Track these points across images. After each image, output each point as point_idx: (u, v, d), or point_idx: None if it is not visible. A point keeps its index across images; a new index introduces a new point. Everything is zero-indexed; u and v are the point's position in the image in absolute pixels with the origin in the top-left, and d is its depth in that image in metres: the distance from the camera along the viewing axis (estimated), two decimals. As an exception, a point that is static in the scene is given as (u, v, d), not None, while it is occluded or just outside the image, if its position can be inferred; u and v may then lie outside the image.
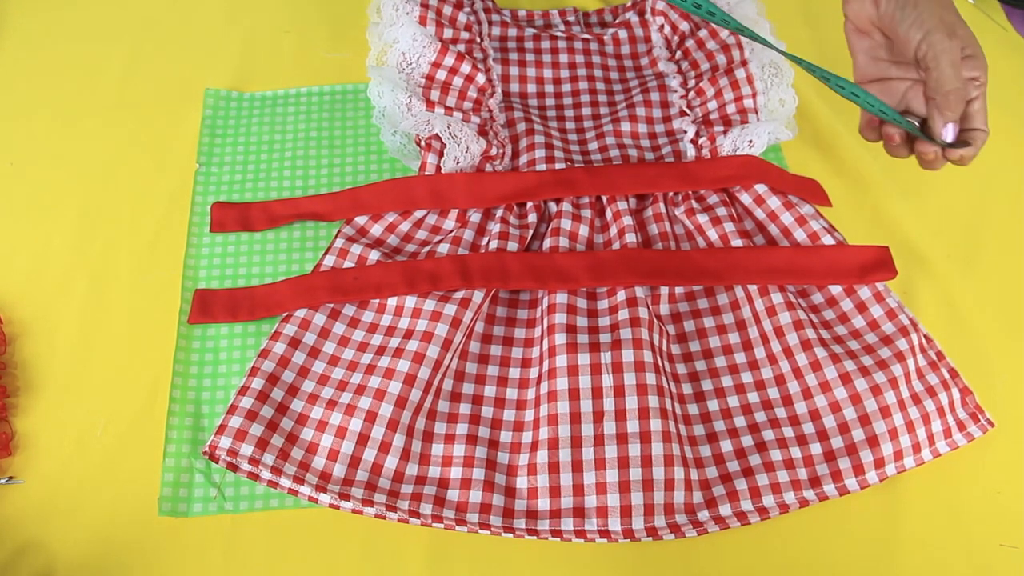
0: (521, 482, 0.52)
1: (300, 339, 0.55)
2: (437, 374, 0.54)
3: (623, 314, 0.56)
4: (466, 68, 0.67)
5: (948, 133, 0.53)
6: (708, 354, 0.57)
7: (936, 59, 0.51)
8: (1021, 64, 0.74)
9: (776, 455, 0.52)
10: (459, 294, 0.56)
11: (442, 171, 0.62)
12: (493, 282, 0.57)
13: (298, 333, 0.56)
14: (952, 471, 0.54)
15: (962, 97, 0.51)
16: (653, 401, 0.52)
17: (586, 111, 0.69)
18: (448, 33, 0.69)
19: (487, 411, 0.55)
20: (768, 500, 0.51)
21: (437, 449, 0.53)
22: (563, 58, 0.72)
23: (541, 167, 0.63)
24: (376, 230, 0.61)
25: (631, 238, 0.60)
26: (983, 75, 0.52)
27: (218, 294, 0.59)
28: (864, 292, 0.57)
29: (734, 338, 0.58)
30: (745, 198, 0.62)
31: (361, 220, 0.62)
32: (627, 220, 0.61)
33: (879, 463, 0.52)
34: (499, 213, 0.61)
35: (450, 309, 0.55)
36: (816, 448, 0.53)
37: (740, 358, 0.57)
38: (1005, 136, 0.69)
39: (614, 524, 0.50)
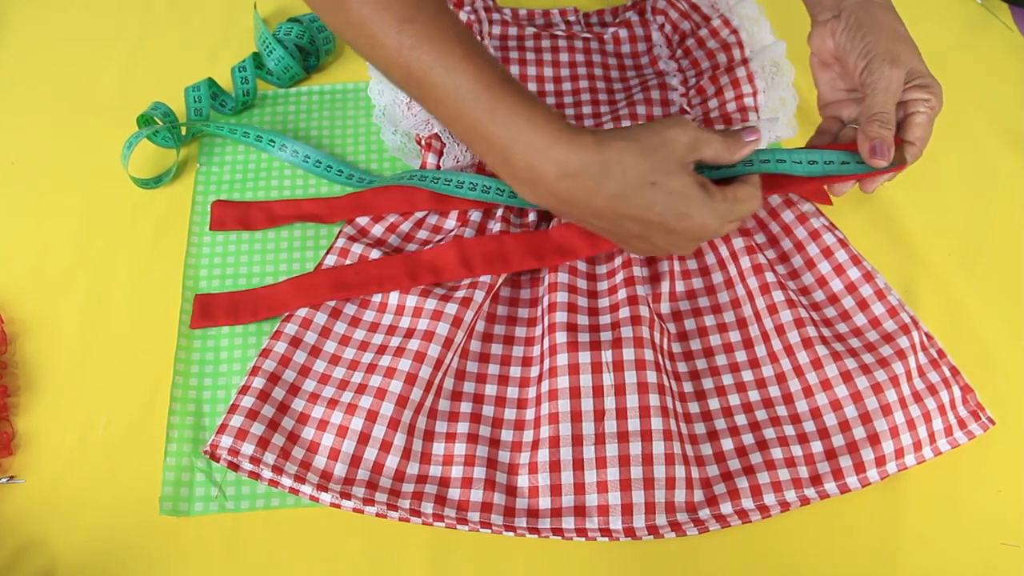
0: (522, 480, 0.52)
1: (301, 338, 0.55)
2: (438, 373, 0.54)
3: (624, 312, 0.56)
4: (466, 67, 0.67)
5: (868, 152, 0.52)
6: (709, 352, 0.57)
7: (873, 86, 0.52)
8: (1024, 64, 0.74)
9: (777, 453, 0.53)
10: (460, 293, 0.56)
11: (442, 171, 0.62)
12: (495, 266, 0.57)
13: (299, 332, 0.56)
14: (953, 469, 0.54)
15: (886, 121, 0.52)
16: (654, 399, 0.52)
17: (587, 110, 0.69)
18: (448, 32, 0.69)
19: (488, 410, 0.55)
20: (769, 498, 0.51)
21: (438, 448, 0.53)
22: (563, 57, 0.72)
23: (541, 166, 0.63)
24: (377, 230, 0.61)
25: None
26: (936, 100, 0.53)
27: (218, 298, 0.59)
28: (865, 290, 0.57)
29: (735, 336, 0.58)
30: (746, 196, 0.62)
31: (362, 221, 0.62)
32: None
33: (880, 461, 0.52)
34: (499, 212, 0.61)
35: (451, 308, 0.55)
36: (817, 446, 0.53)
37: (741, 356, 0.57)
38: (1007, 136, 0.69)
39: (615, 522, 0.50)
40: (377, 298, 0.58)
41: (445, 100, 0.46)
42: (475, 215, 0.61)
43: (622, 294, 0.57)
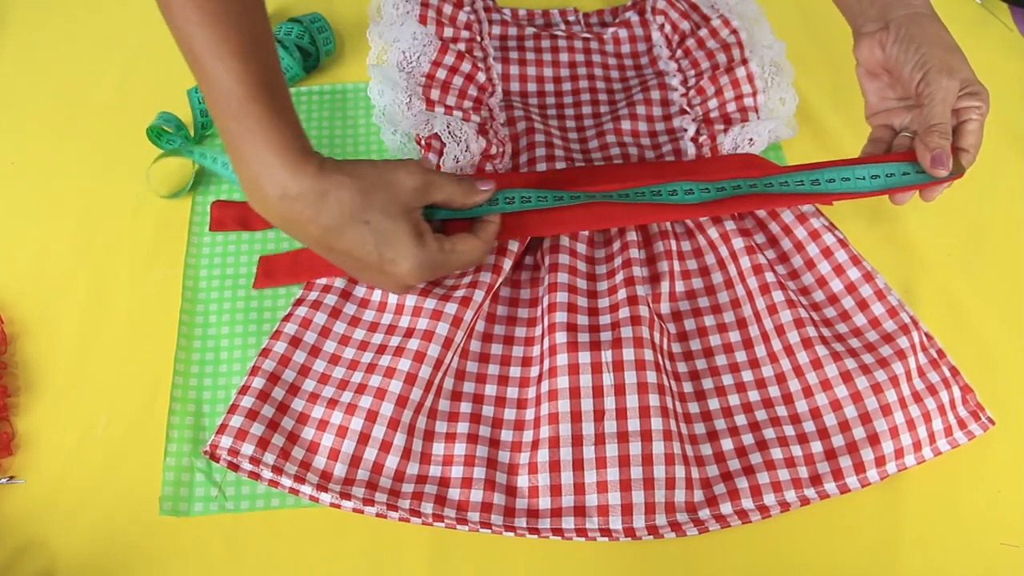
0: (522, 481, 0.52)
1: (301, 338, 0.55)
2: (438, 373, 0.54)
3: (624, 312, 0.56)
4: (466, 67, 0.67)
5: (930, 162, 0.54)
6: (709, 352, 0.57)
7: (931, 97, 0.53)
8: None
9: (777, 453, 0.53)
10: (459, 292, 0.56)
11: (442, 170, 0.62)
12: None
13: (299, 332, 0.56)
14: (953, 469, 0.54)
15: (944, 132, 0.53)
16: (654, 400, 0.52)
17: (586, 110, 0.69)
18: (448, 32, 0.69)
19: (488, 410, 0.55)
20: (769, 498, 0.51)
21: (438, 448, 0.53)
22: (563, 57, 0.72)
23: (541, 166, 0.63)
24: None
25: (632, 236, 0.60)
26: (985, 107, 0.54)
27: (281, 258, 0.60)
28: (865, 290, 0.57)
29: (735, 336, 0.58)
30: (745, 196, 0.62)
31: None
32: (627, 219, 0.61)
33: (880, 461, 0.52)
34: None
35: (451, 308, 0.55)
36: (817, 446, 0.53)
37: (741, 356, 0.57)
38: (1007, 136, 0.69)
39: (615, 522, 0.50)
40: (376, 297, 0.58)
41: (209, 88, 0.46)
42: None
43: (622, 294, 0.57)
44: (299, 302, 0.57)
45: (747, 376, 0.56)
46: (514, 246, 0.59)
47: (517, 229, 0.57)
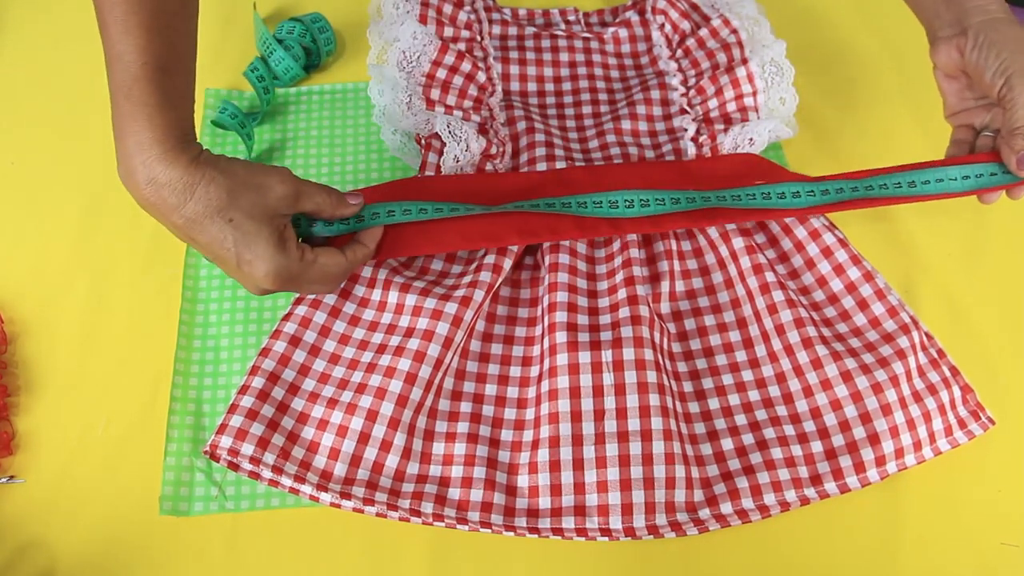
0: (522, 480, 0.52)
1: (301, 337, 0.55)
2: (438, 373, 0.54)
3: (624, 312, 0.56)
4: (466, 67, 0.67)
5: (1016, 164, 0.55)
6: (709, 352, 0.57)
7: (1013, 101, 0.53)
8: None
9: (777, 453, 0.53)
10: (460, 292, 0.56)
11: (442, 170, 0.62)
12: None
13: (299, 331, 0.56)
14: (953, 469, 0.54)
15: None
16: (654, 399, 0.52)
17: (586, 109, 0.69)
18: (448, 32, 0.69)
19: (488, 409, 0.55)
20: (769, 498, 0.51)
21: (438, 448, 0.53)
22: (563, 57, 0.72)
23: (541, 166, 0.63)
24: None
25: (632, 236, 0.60)
26: None
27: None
28: (865, 289, 0.57)
29: (735, 336, 0.58)
30: (746, 196, 0.62)
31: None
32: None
33: (880, 461, 0.52)
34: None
35: (451, 307, 0.55)
36: (817, 446, 0.53)
37: (741, 356, 0.57)
38: (1005, 134, 0.69)
39: (615, 522, 0.50)
40: (376, 296, 0.58)
41: (108, 56, 0.46)
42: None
43: (622, 294, 0.57)
44: (298, 301, 0.57)
45: (747, 376, 0.56)
46: (514, 246, 0.59)
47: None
